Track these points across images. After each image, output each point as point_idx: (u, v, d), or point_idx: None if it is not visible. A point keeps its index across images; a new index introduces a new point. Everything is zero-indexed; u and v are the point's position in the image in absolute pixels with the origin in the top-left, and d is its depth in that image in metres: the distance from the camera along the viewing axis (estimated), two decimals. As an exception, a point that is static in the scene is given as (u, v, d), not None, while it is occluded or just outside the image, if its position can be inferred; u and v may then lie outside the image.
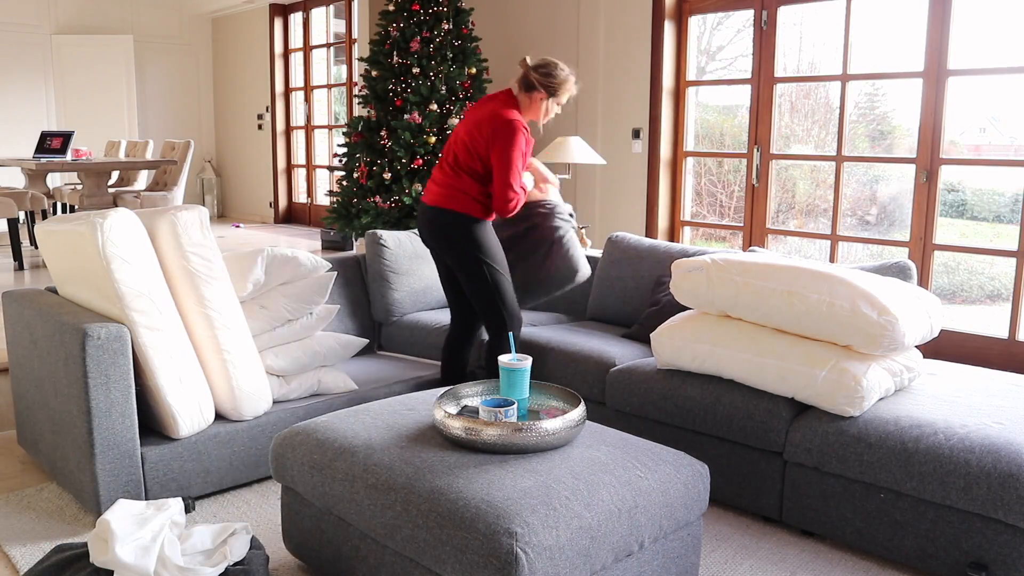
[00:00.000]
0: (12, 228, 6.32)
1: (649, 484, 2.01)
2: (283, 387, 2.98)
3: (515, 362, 2.25)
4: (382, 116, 6.10)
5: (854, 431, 2.43)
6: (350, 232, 6.31)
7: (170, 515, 2.15)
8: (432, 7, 6.05)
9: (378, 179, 6.02)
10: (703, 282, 2.76)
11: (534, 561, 1.71)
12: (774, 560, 2.45)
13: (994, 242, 4.64)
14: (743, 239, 5.45)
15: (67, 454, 2.63)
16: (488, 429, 2.04)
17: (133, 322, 2.52)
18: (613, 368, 3.10)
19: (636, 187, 5.87)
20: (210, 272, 2.70)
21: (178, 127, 10.30)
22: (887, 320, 2.44)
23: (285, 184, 9.83)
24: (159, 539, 2.06)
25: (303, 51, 9.44)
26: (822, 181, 5.29)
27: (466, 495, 1.84)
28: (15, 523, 2.59)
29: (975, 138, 4.72)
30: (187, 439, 2.67)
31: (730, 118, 5.69)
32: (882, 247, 4.90)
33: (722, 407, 2.71)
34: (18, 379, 2.98)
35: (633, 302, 3.65)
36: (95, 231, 2.48)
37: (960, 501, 2.23)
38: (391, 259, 3.83)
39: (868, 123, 5.12)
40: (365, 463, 2.05)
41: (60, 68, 9.24)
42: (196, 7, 10.01)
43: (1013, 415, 2.43)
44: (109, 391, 2.48)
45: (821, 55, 5.22)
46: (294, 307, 3.04)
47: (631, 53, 5.79)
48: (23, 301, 2.85)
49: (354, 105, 8.16)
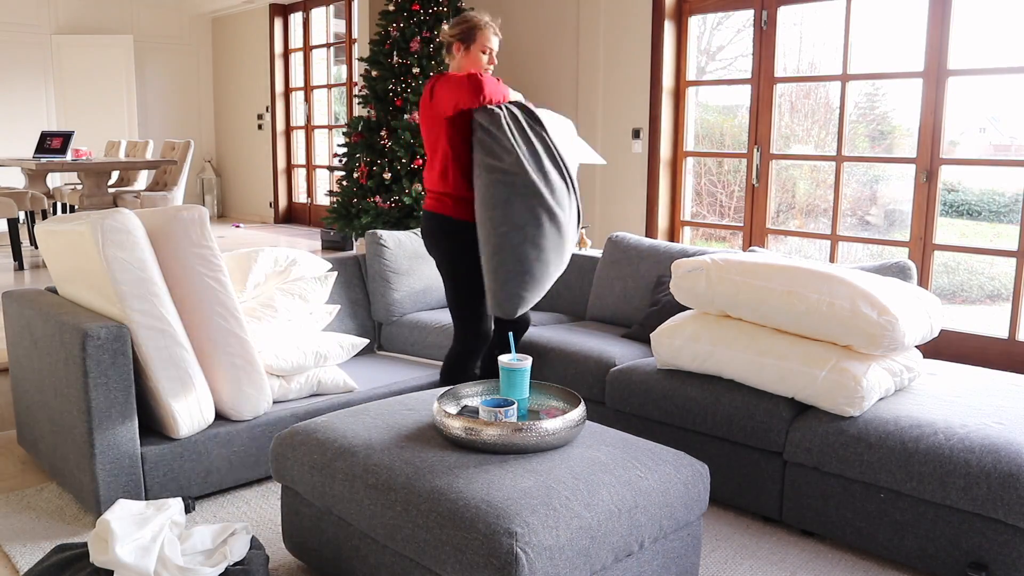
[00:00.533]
0: (12, 228, 6.32)
1: (649, 484, 2.01)
2: (283, 387, 2.98)
3: (515, 362, 2.25)
4: (382, 116, 6.10)
5: (854, 431, 2.43)
6: (350, 232, 6.31)
7: (170, 515, 2.15)
8: (432, 7, 6.05)
9: (378, 179, 6.02)
10: (703, 282, 2.76)
11: (534, 561, 1.71)
12: (774, 560, 2.45)
13: (994, 242, 4.64)
14: (743, 239, 5.45)
15: (67, 454, 2.63)
16: (488, 429, 2.04)
17: (133, 322, 2.52)
18: (613, 368, 3.10)
19: (636, 187, 5.87)
20: (210, 272, 2.70)
21: (178, 127, 10.30)
22: (887, 320, 2.44)
23: (285, 184, 9.83)
24: (159, 539, 2.05)
25: (303, 51, 9.44)
26: (822, 181, 5.29)
27: (466, 495, 1.84)
28: (15, 523, 2.59)
29: (975, 138, 4.72)
30: (187, 439, 2.67)
31: (730, 118, 5.69)
32: (882, 247, 4.90)
33: (722, 407, 2.71)
34: (18, 379, 2.98)
35: (633, 302, 3.66)
36: (95, 231, 2.48)
37: (960, 501, 2.23)
38: (391, 259, 3.83)
39: (868, 123, 5.12)
40: (365, 463, 2.05)
41: (60, 68, 9.24)
42: (196, 7, 10.01)
43: (1013, 415, 2.43)
44: (109, 391, 2.48)
45: (821, 55, 5.22)
46: (294, 308, 3.04)
47: (631, 53, 5.79)
48: (23, 301, 2.85)
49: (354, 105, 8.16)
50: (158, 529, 2.08)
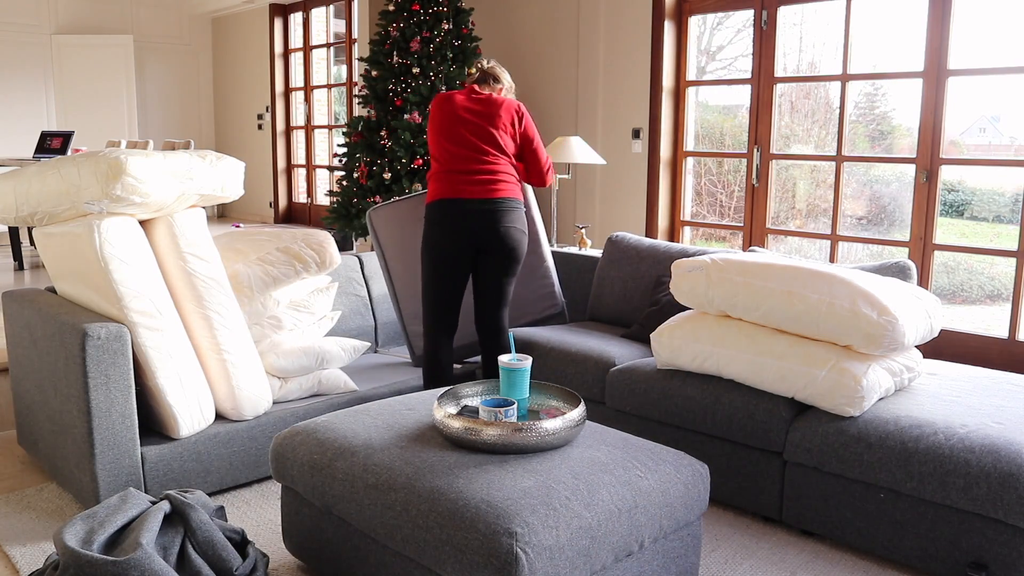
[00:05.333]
0: (12, 228, 6.32)
1: (649, 484, 2.01)
2: (283, 387, 2.98)
3: (515, 362, 2.25)
4: (382, 116, 6.10)
5: (854, 431, 2.43)
6: (350, 232, 6.31)
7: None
8: (432, 7, 6.05)
9: (378, 179, 6.02)
10: (703, 282, 2.76)
11: (534, 561, 1.71)
12: (774, 560, 2.45)
13: (994, 242, 4.64)
14: (743, 239, 5.45)
15: (67, 454, 2.63)
16: (488, 429, 2.04)
17: (132, 323, 2.52)
18: (613, 368, 3.10)
19: (636, 187, 5.87)
20: (208, 272, 2.70)
21: (178, 127, 10.30)
22: (887, 320, 2.44)
23: (285, 184, 9.83)
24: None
25: (303, 51, 9.44)
26: (822, 181, 5.29)
27: (466, 495, 1.84)
28: (15, 523, 2.59)
29: (975, 138, 4.72)
30: (187, 439, 2.67)
31: (730, 118, 5.69)
32: (882, 247, 4.90)
33: (722, 407, 2.71)
34: (18, 379, 2.98)
35: (633, 302, 3.65)
36: (93, 232, 2.48)
37: (960, 501, 2.23)
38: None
39: (868, 123, 5.12)
40: (365, 463, 2.05)
41: (60, 68, 9.24)
42: (196, 7, 10.01)
43: (1013, 415, 2.43)
44: (109, 391, 2.48)
45: (821, 55, 5.22)
46: (300, 319, 3.05)
47: (631, 53, 5.79)
48: (23, 301, 2.85)
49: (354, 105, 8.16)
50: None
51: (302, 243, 3.05)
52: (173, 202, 2.62)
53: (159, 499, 2.11)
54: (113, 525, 1.99)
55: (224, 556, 2.01)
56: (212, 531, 2.03)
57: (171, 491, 2.13)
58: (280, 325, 3.00)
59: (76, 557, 1.87)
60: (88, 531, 1.97)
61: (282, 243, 3.03)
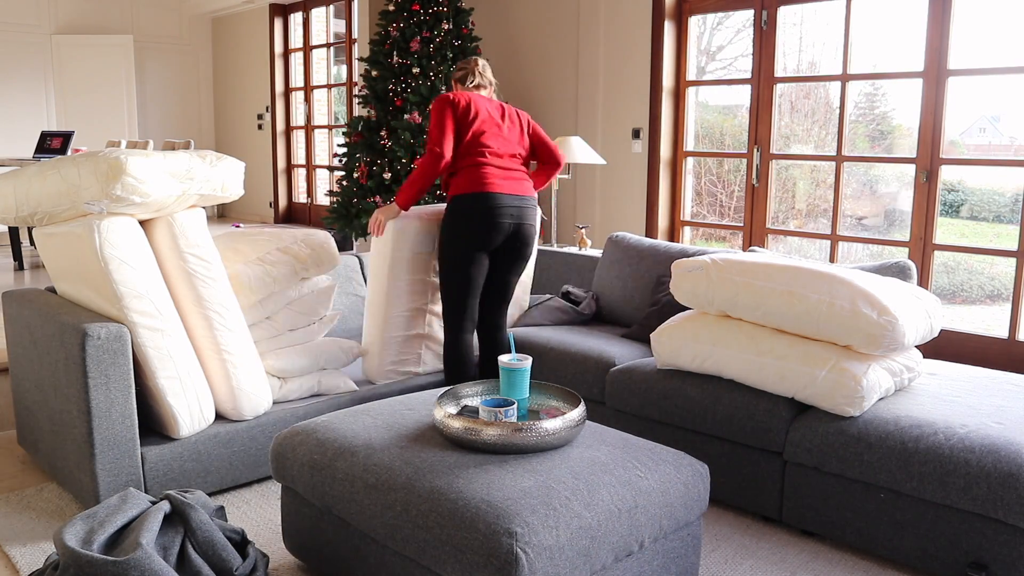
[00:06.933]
0: (12, 228, 6.32)
1: (649, 484, 2.01)
2: (283, 387, 2.98)
3: (515, 362, 2.25)
4: (382, 116, 6.10)
5: (854, 431, 2.43)
6: (350, 232, 6.31)
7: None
8: (432, 7, 6.05)
9: (378, 179, 6.02)
10: (703, 282, 2.76)
11: (534, 561, 1.71)
12: (774, 560, 2.45)
13: (994, 242, 4.64)
14: (743, 239, 5.45)
15: (67, 454, 2.63)
16: (488, 429, 2.04)
17: (132, 323, 2.52)
18: (613, 368, 3.10)
19: (636, 187, 5.87)
20: (208, 272, 2.70)
21: (178, 127, 10.30)
22: (887, 320, 2.44)
23: (285, 184, 9.83)
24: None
25: (303, 51, 9.44)
26: (822, 181, 5.29)
27: (466, 495, 1.84)
28: (15, 523, 2.59)
29: (975, 138, 4.72)
30: (187, 439, 2.67)
31: (730, 118, 5.69)
32: (882, 247, 4.90)
33: (722, 407, 2.71)
34: (18, 379, 2.98)
35: (633, 302, 3.65)
36: (93, 232, 2.47)
37: (960, 501, 2.23)
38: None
39: (868, 123, 5.12)
40: (365, 463, 2.05)
41: (60, 68, 9.24)
42: (196, 7, 10.01)
43: (1013, 415, 2.43)
44: (109, 391, 2.48)
45: (821, 55, 5.22)
46: (298, 319, 3.05)
47: (631, 53, 5.79)
48: (23, 301, 2.85)
49: (354, 105, 8.16)
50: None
51: (302, 243, 3.05)
52: (173, 202, 2.62)
53: (159, 499, 2.11)
54: (113, 525, 1.99)
55: (224, 556, 2.01)
56: (212, 531, 2.03)
57: (171, 491, 2.13)
58: (280, 325, 3.00)
59: (76, 557, 1.87)
60: (88, 531, 1.97)
61: (282, 243, 3.03)
